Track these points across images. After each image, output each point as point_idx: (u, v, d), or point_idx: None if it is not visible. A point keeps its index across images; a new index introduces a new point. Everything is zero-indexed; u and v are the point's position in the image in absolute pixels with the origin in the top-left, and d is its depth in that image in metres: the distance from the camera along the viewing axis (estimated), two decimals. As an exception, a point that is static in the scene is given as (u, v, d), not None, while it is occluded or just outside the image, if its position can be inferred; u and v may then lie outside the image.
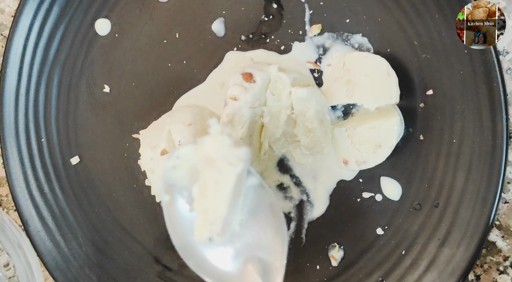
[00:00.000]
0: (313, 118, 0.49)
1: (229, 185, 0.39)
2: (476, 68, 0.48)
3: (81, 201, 0.57)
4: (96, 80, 0.57)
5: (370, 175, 0.53)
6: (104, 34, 0.57)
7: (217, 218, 0.41)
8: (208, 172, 0.40)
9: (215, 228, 0.41)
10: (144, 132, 0.54)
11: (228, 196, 0.40)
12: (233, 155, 0.39)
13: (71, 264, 0.57)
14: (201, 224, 0.42)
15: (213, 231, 0.41)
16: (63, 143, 0.57)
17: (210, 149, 0.40)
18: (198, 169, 0.41)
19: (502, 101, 0.48)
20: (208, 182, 0.40)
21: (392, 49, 0.51)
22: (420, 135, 0.51)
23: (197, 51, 0.56)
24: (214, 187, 0.40)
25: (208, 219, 0.41)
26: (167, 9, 0.56)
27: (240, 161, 0.39)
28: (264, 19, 0.54)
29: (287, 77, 0.49)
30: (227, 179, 0.39)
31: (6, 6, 0.61)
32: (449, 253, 0.50)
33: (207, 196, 0.41)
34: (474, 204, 0.49)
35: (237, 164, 0.39)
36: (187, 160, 0.42)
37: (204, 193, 0.41)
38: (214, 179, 0.40)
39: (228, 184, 0.39)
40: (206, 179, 0.40)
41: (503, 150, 0.48)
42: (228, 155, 0.39)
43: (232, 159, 0.39)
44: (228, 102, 0.47)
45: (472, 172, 0.49)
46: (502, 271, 0.53)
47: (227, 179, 0.39)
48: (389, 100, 0.49)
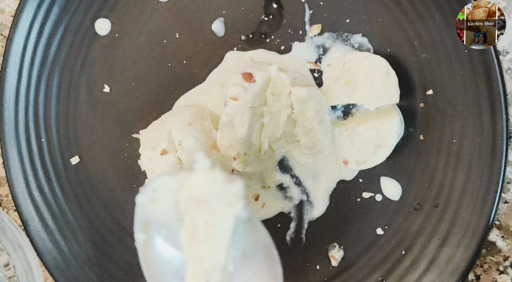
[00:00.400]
0: (313, 118, 0.49)
1: (228, 229, 0.35)
2: (476, 68, 0.49)
3: (81, 201, 0.57)
4: (96, 80, 0.57)
5: (370, 175, 0.53)
6: (104, 34, 0.57)
7: (215, 266, 0.36)
8: (198, 213, 0.35)
9: (214, 278, 0.36)
10: (144, 132, 0.54)
11: (227, 241, 0.35)
12: (229, 193, 0.34)
13: (71, 264, 0.57)
14: (195, 274, 0.36)
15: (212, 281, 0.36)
16: (63, 143, 0.57)
17: (199, 188, 0.35)
18: (182, 209, 0.36)
19: (502, 101, 0.48)
20: (199, 225, 0.35)
21: (392, 49, 0.51)
22: (420, 135, 0.51)
23: (197, 51, 0.56)
24: (208, 231, 0.35)
25: (204, 267, 0.36)
26: (167, 9, 0.56)
27: (238, 199, 0.34)
28: (264, 19, 0.54)
29: (287, 77, 0.49)
30: (224, 222, 0.34)
31: (6, 6, 0.60)
32: (449, 253, 0.50)
33: (199, 241, 0.36)
34: (474, 204, 0.49)
35: (236, 204, 0.34)
36: (167, 192, 0.37)
37: (194, 237, 0.36)
38: (207, 221, 0.35)
39: (226, 228, 0.35)
40: (196, 221, 0.35)
41: (503, 150, 0.48)
42: (222, 194, 0.34)
43: (229, 198, 0.34)
44: (228, 102, 0.47)
45: (472, 172, 0.49)
46: (502, 271, 0.53)
47: (225, 222, 0.34)
48: (389, 100, 0.49)
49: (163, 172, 0.38)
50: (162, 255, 0.39)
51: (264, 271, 0.38)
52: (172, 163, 0.49)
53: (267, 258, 0.38)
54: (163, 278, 0.39)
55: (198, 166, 0.35)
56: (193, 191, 0.35)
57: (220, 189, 0.34)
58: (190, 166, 0.35)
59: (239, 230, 0.37)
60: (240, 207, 0.34)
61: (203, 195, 0.35)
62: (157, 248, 0.39)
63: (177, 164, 0.49)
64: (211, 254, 0.36)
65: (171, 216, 0.37)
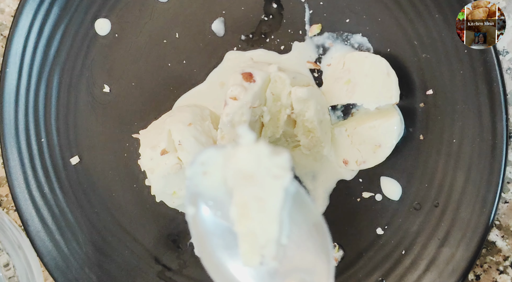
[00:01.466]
0: (313, 118, 0.49)
1: (278, 202, 0.34)
2: (476, 68, 0.48)
3: (81, 201, 0.57)
4: (96, 80, 0.57)
5: (370, 175, 0.53)
6: (104, 34, 0.57)
7: (268, 240, 0.35)
8: (247, 188, 0.34)
9: (268, 252, 0.36)
10: (144, 132, 0.54)
11: (278, 214, 0.34)
12: (276, 165, 0.33)
13: (71, 264, 0.57)
14: (249, 249, 0.36)
15: (267, 256, 0.36)
16: (63, 143, 0.57)
17: (245, 162, 0.34)
18: (230, 184, 0.36)
19: (502, 101, 0.48)
20: (249, 200, 0.35)
21: (392, 49, 0.51)
22: (420, 135, 0.51)
23: (197, 51, 0.56)
24: (258, 205, 0.35)
25: (257, 242, 0.36)
26: (167, 9, 0.56)
27: (286, 171, 0.33)
28: (264, 18, 0.54)
29: (287, 77, 0.49)
30: (274, 196, 0.34)
31: (6, 6, 0.60)
32: (449, 253, 0.50)
33: (250, 216, 0.35)
34: (474, 204, 0.49)
35: (283, 176, 0.33)
36: (215, 166, 0.36)
37: (245, 213, 0.35)
38: (256, 196, 0.34)
39: (276, 201, 0.34)
40: (245, 196, 0.35)
41: (503, 150, 0.48)
42: (269, 167, 0.33)
43: (276, 171, 0.33)
44: (228, 102, 0.47)
45: (472, 172, 0.49)
46: (502, 271, 0.53)
47: (274, 195, 0.34)
48: (389, 100, 0.49)
49: (208, 147, 0.36)
50: (212, 228, 0.39)
51: (315, 247, 0.37)
52: (172, 163, 0.49)
53: (317, 234, 0.37)
54: (214, 252, 0.38)
55: (242, 140, 0.34)
56: (239, 166, 0.34)
57: (267, 162, 0.33)
58: (234, 141, 0.35)
59: (288, 205, 0.36)
60: (288, 178, 0.33)
61: (250, 169, 0.34)
62: (206, 222, 0.38)
63: (177, 164, 0.49)
64: (263, 229, 0.35)
65: (221, 190, 0.37)
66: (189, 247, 0.56)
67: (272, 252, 0.36)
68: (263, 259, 0.36)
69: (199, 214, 0.38)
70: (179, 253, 0.57)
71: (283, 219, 0.35)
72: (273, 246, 0.35)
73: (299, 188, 0.36)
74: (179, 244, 0.57)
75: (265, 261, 0.36)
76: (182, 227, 0.57)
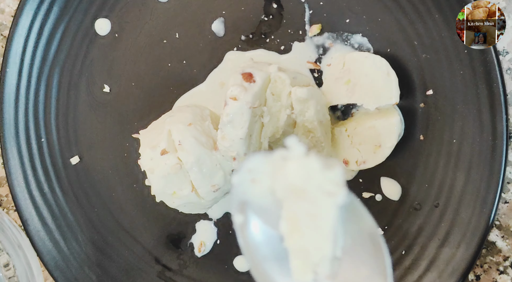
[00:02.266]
0: (313, 118, 0.49)
1: (331, 220, 0.32)
2: (476, 68, 0.48)
3: (81, 201, 0.57)
4: (96, 80, 0.57)
5: (370, 175, 0.53)
6: (104, 34, 0.57)
7: (321, 258, 0.33)
8: (297, 203, 0.33)
9: (322, 270, 0.34)
10: (144, 132, 0.54)
11: (332, 232, 0.33)
12: (328, 181, 0.31)
13: (71, 264, 0.57)
14: (301, 265, 0.34)
15: (321, 274, 0.34)
16: (63, 143, 0.57)
17: (295, 177, 0.32)
18: (280, 196, 0.34)
19: (502, 101, 0.48)
20: (300, 216, 0.33)
21: (392, 49, 0.51)
22: (420, 135, 0.51)
23: (197, 51, 0.56)
24: (310, 222, 0.33)
25: (310, 259, 0.34)
26: (167, 9, 0.56)
27: (339, 187, 0.31)
28: (264, 19, 0.54)
29: (287, 77, 0.49)
30: (327, 213, 0.32)
31: (6, 6, 0.60)
32: (449, 253, 0.50)
33: (301, 232, 0.34)
34: (474, 204, 0.49)
35: (337, 193, 0.31)
36: (263, 174, 0.34)
37: (296, 228, 0.34)
38: (308, 212, 0.33)
39: (329, 219, 0.32)
40: (295, 211, 0.33)
41: (503, 150, 0.48)
42: (321, 182, 0.31)
43: (329, 187, 0.31)
44: (228, 102, 0.47)
45: (472, 172, 0.49)
46: (502, 271, 0.52)
47: (327, 212, 0.32)
48: (389, 100, 0.49)
49: (256, 154, 0.34)
50: (261, 238, 0.37)
51: (370, 259, 0.35)
52: (172, 163, 0.49)
53: (373, 247, 0.35)
54: (263, 263, 0.37)
55: (292, 153, 0.32)
56: (289, 180, 0.32)
57: (318, 177, 0.31)
58: (282, 149, 0.33)
59: (342, 217, 0.34)
60: (342, 196, 0.31)
61: (300, 184, 0.32)
62: (255, 231, 0.37)
63: (177, 164, 0.49)
64: (316, 246, 0.33)
65: (269, 199, 0.35)
66: (189, 247, 0.56)
67: (326, 269, 0.34)
68: (317, 276, 0.34)
69: (247, 223, 0.36)
70: (179, 253, 0.57)
71: (337, 235, 0.34)
72: (327, 263, 0.34)
73: (353, 197, 0.34)
74: (179, 244, 0.57)
75: (318, 278, 0.34)
76: (182, 227, 0.57)
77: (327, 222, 0.32)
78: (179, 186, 0.51)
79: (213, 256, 0.56)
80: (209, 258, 0.56)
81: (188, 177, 0.50)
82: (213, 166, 0.50)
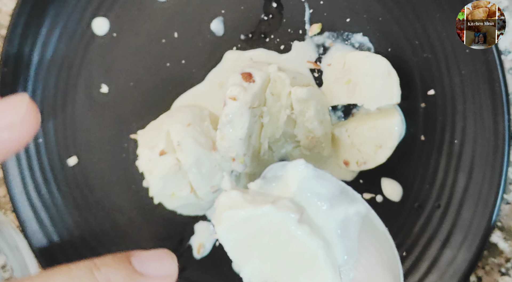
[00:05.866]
0: (313, 118, 0.49)
1: (324, 262, 0.34)
2: (477, 68, 0.48)
3: (79, 202, 0.57)
4: (93, 80, 0.57)
5: (371, 176, 0.52)
6: (102, 33, 0.56)
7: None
8: (284, 253, 0.35)
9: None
10: (142, 132, 0.54)
11: (332, 270, 0.34)
12: (308, 245, 0.33)
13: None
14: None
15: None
16: (61, 143, 0.57)
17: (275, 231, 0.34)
18: (265, 244, 0.35)
19: (504, 101, 0.48)
20: (294, 263, 0.35)
21: (393, 49, 0.51)
22: (421, 136, 0.51)
23: (196, 51, 0.55)
24: (306, 270, 0.34)
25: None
26: (166, 9, 0.56)
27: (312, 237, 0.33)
28: (264, 18, 0.54)
29: (287, 77, 0.48)
30: (316, 256, 0.34)
31: (4, 6, 0.60)
32: (451, 254, 0.49)
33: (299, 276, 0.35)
34: (476, 205, 0.49)
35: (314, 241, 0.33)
36: (244, 223, 0.35)
37: (293, 273, 0.35)
38: (299, 258, 0.34)
39: (322, 261, 0.34)
40: (287, 259, 0.35)
41: (504, 151, 0.48)
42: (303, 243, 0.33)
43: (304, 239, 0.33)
44: (227, 102, 0.47)
45: (473, 172, 0.49)
46: (504, 273, 0.52)
47: (315, 257, 0.34)
48: (390, 100, 0.48)
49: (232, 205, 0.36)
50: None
51: (384, 271, 0.37)
52: (171, 164, 0.49)
53: (386, 256, 0.37)
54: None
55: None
56: (270, 233, 0.34)
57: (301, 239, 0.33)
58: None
59: (354, 227, 0.35)
60: (317, 243, 0.33)
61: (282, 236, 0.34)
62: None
63: (175, 164, 0.49)
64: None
65: (255, 247, 0.36)
66: (187, 249, 0.56)
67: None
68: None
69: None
70: (177, 255, 0.56)
71: (340, 268, 0.35)
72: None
73: (370, 210, 0.35)
74: (177, 246, 0.56)
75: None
76: (181, 228, 0.56)
77: (322, 264, 0.33)
78: (177, 187, 0.51)
79: (212, 258, 0.56)
80: (208, 260, 0.56)
81: (187, 178, 0.50)
82: (212, 167, 0.50)
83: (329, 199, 0.37)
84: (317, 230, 0.35)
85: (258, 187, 0.38)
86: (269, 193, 0.38)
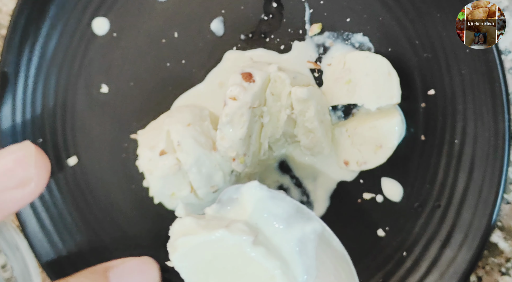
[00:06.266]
0: (313, 118, 0.49)
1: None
2: (478, 67, 0.48)
3: (79, 202, 0.57)
4: (93, 80, 0.57)
5: (371, 176, 0.52)
6: (102, 33, 0.56)
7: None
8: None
9: None
10: (142, 132, 0.53)
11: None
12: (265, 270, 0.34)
13: (69, 265, 0.56)
14: None
15: None
16: (61, 143, 0.57)
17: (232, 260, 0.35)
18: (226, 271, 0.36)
19: (504, 101, 0.48)
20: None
21: (393, 49, 0.51)
22: (422, 135, 0.51)
23: (196, 51, 0.55)
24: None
25: None
26: (166, 8, 0.56)
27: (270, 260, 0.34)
28: (264, 18, 0.54)
29: (287, 77, 0.48)
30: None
31: (3, 5, 0.60)
32: (451, 254, 0.49)
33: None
34: (476, 205, 0.49)
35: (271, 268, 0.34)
36: (198, 248, 0.36)
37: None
38: None
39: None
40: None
41: (505, 151, 0.48)
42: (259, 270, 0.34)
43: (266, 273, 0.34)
44: (227, 102, 0.47)
45: (474, 172, 0.49)
46: (504, 273, 0.52)
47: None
48: (390, 100, 0.48)
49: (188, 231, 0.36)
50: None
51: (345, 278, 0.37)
52: (171, 164, 0.49)
53: (345, 275, 0.38)
54: None
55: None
56: (225, 261, 0.35)
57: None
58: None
59: (311, 246, 0.36)
60: (277, 270, 0.33)
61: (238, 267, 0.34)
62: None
63: (176, 164, 0.49)
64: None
65: (212, 272, 0.37)
66: (188, 248, 0.56)
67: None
68: None
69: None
70: (178, 254, 0.56)
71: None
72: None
73: (325, 228, 0.36)
74: (178, 245, 0.56)
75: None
76: (181, 228, 0.56)
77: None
78: (178, 187, 0.51)
79: (213, 258, 0.56)
80: (208, 259, 0.56)
81: (187, 178, 0.50)
82: (212, 167, 0.50)
83: (285, 219, 0.37)
84: (275, 251, 0.35)
85: (214, 212, 0.39)
86: (225, 216, 0.38)
